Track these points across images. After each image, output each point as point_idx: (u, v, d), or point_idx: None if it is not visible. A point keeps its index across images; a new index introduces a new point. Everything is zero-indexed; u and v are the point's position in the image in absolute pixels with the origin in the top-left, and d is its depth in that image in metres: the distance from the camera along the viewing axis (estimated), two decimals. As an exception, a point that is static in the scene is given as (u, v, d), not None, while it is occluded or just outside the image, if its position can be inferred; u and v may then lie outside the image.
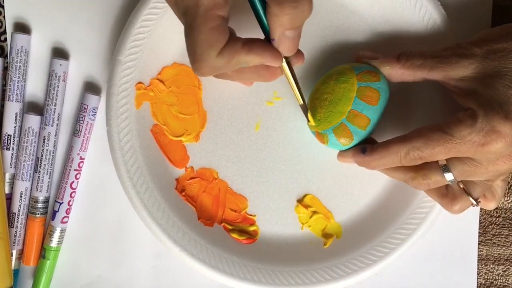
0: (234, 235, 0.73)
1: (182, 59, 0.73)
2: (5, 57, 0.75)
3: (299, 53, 0.61)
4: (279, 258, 0.72)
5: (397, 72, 0.66)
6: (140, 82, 0.71)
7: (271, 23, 0.56)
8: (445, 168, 0.63)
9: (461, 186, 0.66)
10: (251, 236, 0.73)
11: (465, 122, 0.59)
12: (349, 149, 0.67)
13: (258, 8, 0.57)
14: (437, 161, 0.63)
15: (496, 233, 0.75)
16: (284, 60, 0.60)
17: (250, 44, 0.57)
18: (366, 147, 0.65)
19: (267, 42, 0.58)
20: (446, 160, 0.63)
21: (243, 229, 0.73)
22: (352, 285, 0.71)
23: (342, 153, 0.68)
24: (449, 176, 0.63)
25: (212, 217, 0.73)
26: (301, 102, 0.66)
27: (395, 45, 0.70)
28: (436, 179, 0.63)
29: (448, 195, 0.66)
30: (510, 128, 0.57)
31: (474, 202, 0.66)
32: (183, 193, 0.73)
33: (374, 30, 0.73)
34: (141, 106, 0.72)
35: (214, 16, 0.54)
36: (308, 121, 0.68)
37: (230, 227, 0.73)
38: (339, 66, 0.69)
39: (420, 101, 0.72)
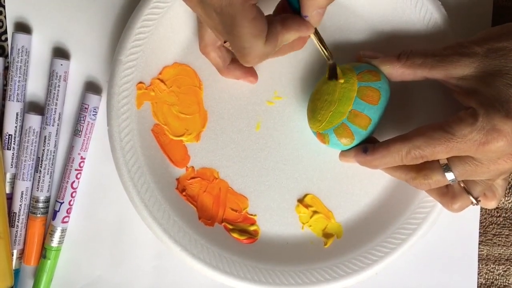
0: (235, 235, 0.73)
1: (182, 58, 0.73)
2: (6, 57, 0.75)
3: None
4: (279, 258, 0.72)
5: (397, 71, 0.66)
6: (141, 82, 0.71)
7: (308, 5, 0.58)
8: (446, 168, 0.63)
9: (462, 185, 0.66)
10: (252, 235, 0.73)
11: (466, 121, 0.59)
12: (350, 149, 0.67)
13: None
14: (438, 161, 0.63)
15: (497, 233, 0.75)
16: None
17: (286, 22, 0.59)
18: (367, 147, 0.65)
19: (298, 15, 0.60)
20: (447, 159, 0.63)
21: (243, 228, 0.73)
22: (353, 285, 0.71)
23: (343, 153, 0.68)
24: (450, 176, 0.63)
25: (212, 216, 0.73)
26: (331, 61, 0.66)
27: (395, 45, 0.70)
28: (437, 179, 0.63)
29: (448, 194, 0.66)
30: (511, 126, 0.57)
31: (474, 201, 0.66)
32: (184, 193, 0.73)
33: (375, 30, 0.73)
34: (142, 106, 0.72)
35: (251, 7, 0.54)
36: (336, 78, 0.67)
37: (230, 226, 0.73)
38: (339, 66, 0.69)
39: (421, 100, 0.72)
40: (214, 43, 0.67)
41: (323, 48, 0.65)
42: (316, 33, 0.63)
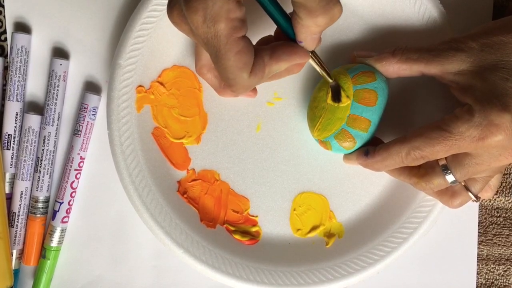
0: (237, 236, 0.73)
1: (182, 61, 0.73)
2: (6, 56, 0.75)
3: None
4: (281, 259, 0.72)
5: (393, 67, 0.66)
6: (140, 85, 0.71)
7: (301, 32, 0.58)
8: (447, 171, 0.63)
9: (462, 183, 0.66)
10: (254, 237, 0.73)
11: (462, 118, 0.59)
12: (353, 152, 0.67)
13: (280, 20, 0.59)
14: (439, 165, 0.63)
15: (497, 233, 0.75)
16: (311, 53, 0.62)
17: (276, 52, 0.59)
18: (368, 150, 0.66)
19: (291, 42, 0.60)
20: (448, 162, 0.63)
21: (245, 230, 0.73)
22: (354, 284, 0.71)
23: (347, 156, 0.69)
24: (450, 178, 0.63)
25: (214, 218, 0.73)
26: (332, 81, 0.66)
27: (394, 43, 0.70)
28: (439, 183, 0.64)
29: (447, 192, 0.67)
30: (508, 120, 0.57)
31: (474, 198, 0.66)
32: (185, 195, 0.73)
33: (374, 29, 0.72)
34: (142, 109, 0.72)
35: (236, 40, 0.54)
36: (340, 102, 0.67)
37: (232, 228, 0.73)
38: (334, 69, 0.69)
39: (423, 97, 0.72)
40: (210, 64, 0.66)
41: (322, 71, 0.65)
42: (314, 56, 0.63)
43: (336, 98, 0.67)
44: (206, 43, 0.55)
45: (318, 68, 0.64)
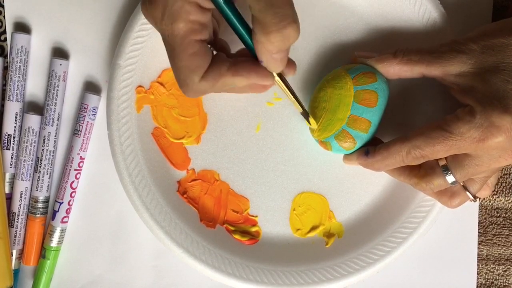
0: (237, 236, 0.73)
1: (182, 61, 0.72)
2: (5, 56, 0.75)
3: (290, 63, 0.60)
4: (281, 258, 0.72)
5: (394, 68, 0.66)
6: (140, 86, 0.71)
7: (258, 49, 0.56)
8: (447, 171, 0.63)
9: (461, 183, 0.66)
10: (253, 236, 0.73)
11: (463, 119, 0.59)
12: (353, 152, 0.67)
13: (242, 33, 0.57)
14: (439, 166, 0.63)
15: (497, 233, 0.75)
16: (275, 74, 0.60)
17: (236, 66, 0.58)
18: (368, 149, 0.66)
19: (256, 61, 0.58)
20: (448, 163, 0.63)
21: (245, 230, 0.73)
22: (354, 284, 0.72)
23: (347, 157, 0.69)
24: (450, 179, 0.63)
25: (214, 218, 0.73)
26: (301, 109, 0.65)
27: (394, 44, 0.70)
28: (439, 183, 0.64)
29: (447, 193, 0.67)
30: (509, 121, 0.57)
31: (472, 198, 0.66)
32: (185, 195, 0.73)
33: (374, 29, 0.72)
34: (141, 109, 0.72)
35: (192, 42, 0.55)
36: (311, 126, 0.68)
37: (232, 228, 0.73)
38: (334, 70, 0.69)
39: (423, 98, 0.72)
40: None
41: (290, 96, 0.63)
42: (282, 80, 0.61)
43: (307, 120, 0.67)
44: (164, 40, 0.56)
45: (285, 94, 0.63)
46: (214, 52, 0.60)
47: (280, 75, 0.61)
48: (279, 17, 0.52)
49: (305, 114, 0.66)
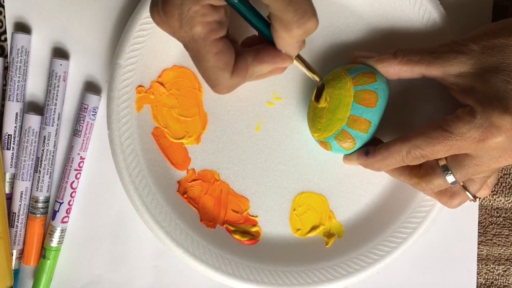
0: (237, 236, 0.73)
1: (182, 61, 0.72)
2: (6, 57, 0.75)
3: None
4: (281, 258, 0.72)
5: (394, 69, 0.66)
6: (140, 86, 0.71)
7: (278, 42, 0.58)
8: (447, 171, 0.63)
9: (461, 183, 0.66)
10: (254, 237, 0.73)
11: (463, 119, 0.59)
12: (353, 152, 0.67)
13: (261, 27, 0.59)
14: (439, 166, 0.63)
15: (497, 233, 0.75)
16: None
17: (259, 54, 0.60)
18: (369, 149, 0.66)
19: (273, 46, 0.60)
20: (448, 163, 0.63)
21: (245, 230, 0.73)
22: (354, 284, 0.72)
23: (347, 157, 0.69)
24: (451, 179, 0.63)
25: (214, 218, 0.73)
26: (318, 81, 0.67)
27: (394, 44, 0.70)
28: (439, 183, 0.64)
29: (447, 193, 0.67)
30: (509, 122, 0.57)
31: (472, 198, 0.66)
32: (185, 195, 0.73)
33: (374, 29, 0.72)
34: (141, 109, 0.72)
35: (214, 42, 0.56)
36: (316, 99, 0.68)
37: (232, 228, 0.73)
38: (334, 70, 0.69)
39: (423, 98, 0.72)
40: None
41: (309, 71, 0.66)
42: (299, 58, 0.64)
43: (317, 97, 0.68)
44: (186, 46, 0.57)
45: (304, 70, 0.66)
46: None
47: (298, 54, 0.63)
48: (300, 14, 0.54)
49: (322, 87, 0.68)
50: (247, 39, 0.64)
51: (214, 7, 0.55)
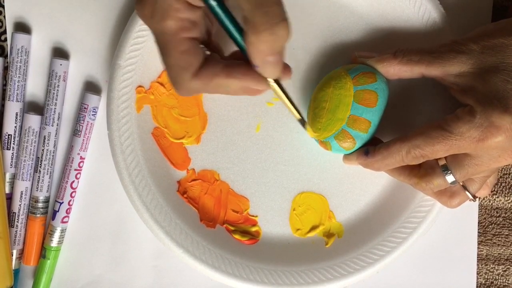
0: (237, 236, 0.73)
1: (182, 61, 0.72)
2: (6, 57, 0.75)
3: (285, 68, 0.58)
4: (281, 258, 0.72)
5: (394, 68, 0.66)
6: (140, 86, 0.71)
7: (250, 51, 0.54)
8: (447, 171, 0.63)
9: (460, 183, 0.66)
10: (254, 236, 0.73)
11: (463, 118, 0.59)
12: (353, 152, 0.67)
13: (235, 35, 0.56)
14: (439, 165, 0.64)
15: (496, 233, 0.75)
16: (272, 80, 0.58)
17: (230, 68, 0.57)
18: (368, 149, 0.66)
19: (249, 64, 0.56)
20: (448, 163, 0.63)
21: (245, 230, 0.73)
22: (354, 284, 0.72)
23: (347, 157, 0.69)
24: (450, 179, 0.63)
25: (214, 218, 0.73)
26: (298, 117, 0.63)
27: (394, 44, 0.70)
28: (439, 183, 0.64)
29: (446, 193, 0.67)
30: (509, 121, 0.57)
31: (472, 198, 0.67)
32: (185, 195, 0.73)
33: (374, 30, 0.72)
34: (141, 109, 0.72)
35: (182, 40, 0.54)
36: (309, 134, 0.68)
37: (232, 228, 0.73)
38: (334, 70, 0.69)
39: (422, 98, 0.72)
40: None
41: (287, 103, 0.61)
42: (278, 86, 0.59)
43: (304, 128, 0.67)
44: (155, 38, 0.56)
45: (282, 100, 0.60)
46: (208, 53, 0.59)
47: (276, 80, 0.58)
48: (269, 16, 0.51)
49: (302, 121, 0.64)
50: (236, 52, 0.61)
51: (190, 5, 0.54)
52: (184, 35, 0.54)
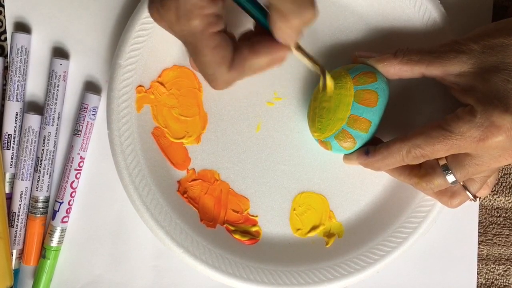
0: (237, 236, 0.73)
1: (182, 61, 0.73)
2: (5, 56, 0.75)
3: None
4: (281, 258, 0.72)
5: (395, 68, 0.66)
6: (140, 85, 0.71)
7: (276, 32, 0.56)
8: (447, 171, 0.63)
9: (461, 183, 0.66)
10: (254, 236, 0.73)
11: (463, 118, 0.59)
12: (353, 152, 0.67)
13: (259, 17, 0.58)
14: (439, 166, 0.63)
15: (497, 233, 0.75)
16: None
17: (255, 47, 0.58)
18: (369, 149, 0.66)
19: (269, 36, 0.58)
20: (449, 162, 0.63)
21: (245, 230, 0.73)
22: (354, 284, 0.72)
23: (347, 156, 0.69)
24: (451, 179, 0.63)
25: (214, 218, 0.73)
26: (319, 71, 0.65)
27: (394, 44, 0.70)
28: (439, 183, 0.64)
29: (447, 193, 0.67)
30: (509, 121, 0.57)
31: (472, 198, 0.67)
32: (185, 195, 0.73)
33: (374, 29, 0.72)
34: (141, 109, 0.72)
35: (212, 36, 0.54)
36: (324, 88, 0.67)
37: (232, 228, 0.73)
38: (335, 70, 0.69)
39: (423, 98, 0.72)
40: None
41: (310, 62, 0.64)
42: (298, 48, 0.62)
43: (323, 86, 0.67)
44: (183, 40, 0.56)
45: (303, 60, 0.63)
46: None
47: (296, 44, 0.61)
48: (298, 3, 0.52)
49: (323, 71, 0.66)
50: (242, 35, 0.62)
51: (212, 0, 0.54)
52: (212, 31, 0.54)
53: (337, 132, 0.66)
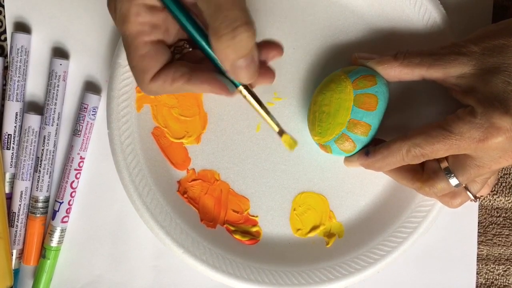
0: (237, 236, 0.73)
1: (182, 61, 0.72)
2: (5, 56, 0.75)
3: (267, 72, 0.59)
4: (282, 258, 0.72)
5: (395, 71, 0.66)
6: (140, 85, 0.71)
7: (218, 57, 0.54)
8: (450, 174, 0.63)
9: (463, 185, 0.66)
10: (254, 237, 0.73)
11: (463, 119, 0.59)
12: (354, 154, 0.67)
13: (202, 44, 0.56)
14: (441, 169, 0.64)
15: (497, 233, 0.75)
16: (242, 87, 0.58)
17: (193, 74, 0.56)
18: (369, 150, 0.66)
19: (217, 72, 0.56)
20: (450, 165, 0.63)
21: (245, 230, 0.73)
22: (355, 284, 0.72)
23: (348, 159, 0.69)
24: (454, 182, 0.63)
25: (214, 218, 0.73)
26: (276, 129, 0.61)
27: (394, 45, 0.70)
28: (442, 187, 0.64)
29: (448, 193, 0.67)
30: (509, 123, 0.57)
31: (473, 198, 0.67)
32: (185, 195, 0.73)
33: (374, 30, 0.72)
34: (141, 109, 0.72)
35: (142, 44, 0.55)
36: (287, 147, 0.63)
37: (232, 228, 0.73)
38: (334, 72, 0.69)
39: (423, 100, 0.72)
40: None
41: (261, 113, 0.60)
42: (249, 92, 0.58)
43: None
44: (122, 39, 0.57)
45: (255, 109, 0.59)
46: (189, 50, 0.59)
47: (247, 88, 0.58)
48: (229, 20, 0.50)
49: (281, 133, 0.62)
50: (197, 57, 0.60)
51: (150, 8, 0.54)
52: (144, 39, 0.55)
53: (337, 136, 0.66)
